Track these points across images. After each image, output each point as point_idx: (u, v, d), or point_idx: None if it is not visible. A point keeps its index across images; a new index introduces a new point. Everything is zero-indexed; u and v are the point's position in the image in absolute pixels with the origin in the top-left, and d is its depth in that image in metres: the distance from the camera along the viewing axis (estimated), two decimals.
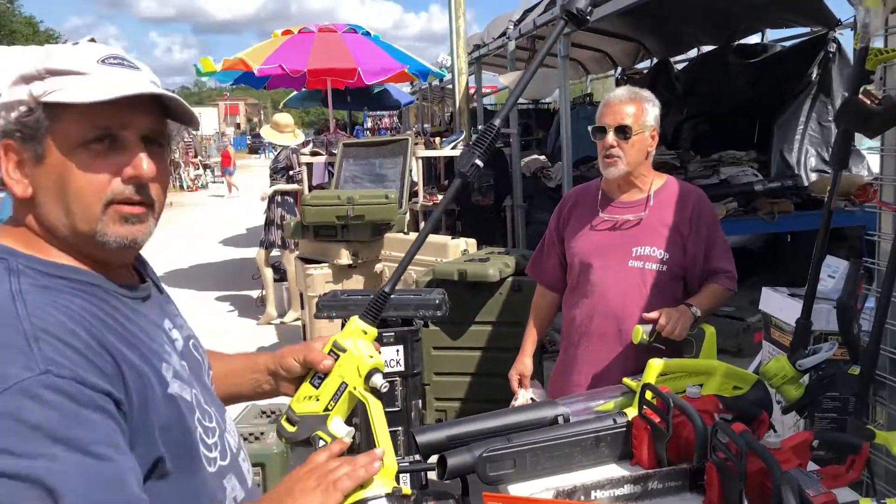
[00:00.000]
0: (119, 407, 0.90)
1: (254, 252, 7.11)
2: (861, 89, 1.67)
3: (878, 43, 1.81)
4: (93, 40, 1.08)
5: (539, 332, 2.61)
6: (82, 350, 0.89)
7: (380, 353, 1.23)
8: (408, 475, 2.83)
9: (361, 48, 7.25)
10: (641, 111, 2.23)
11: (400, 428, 2.88)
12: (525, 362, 2.56)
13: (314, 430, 1.16)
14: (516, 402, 2.48)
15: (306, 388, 1.20)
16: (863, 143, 6.37)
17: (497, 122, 1.25)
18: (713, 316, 2.21)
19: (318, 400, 1.18)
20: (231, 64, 6.85)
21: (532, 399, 2.47)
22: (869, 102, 1.64)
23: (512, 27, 5.91)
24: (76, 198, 0.96)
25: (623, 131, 2.21)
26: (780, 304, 2.70)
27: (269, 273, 6.36)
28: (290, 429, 1.18)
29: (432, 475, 1.78)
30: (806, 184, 5.49)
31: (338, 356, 1.19)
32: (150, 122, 0.99)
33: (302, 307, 4.97)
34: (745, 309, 4.93)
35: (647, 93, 2.29)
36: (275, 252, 6.45)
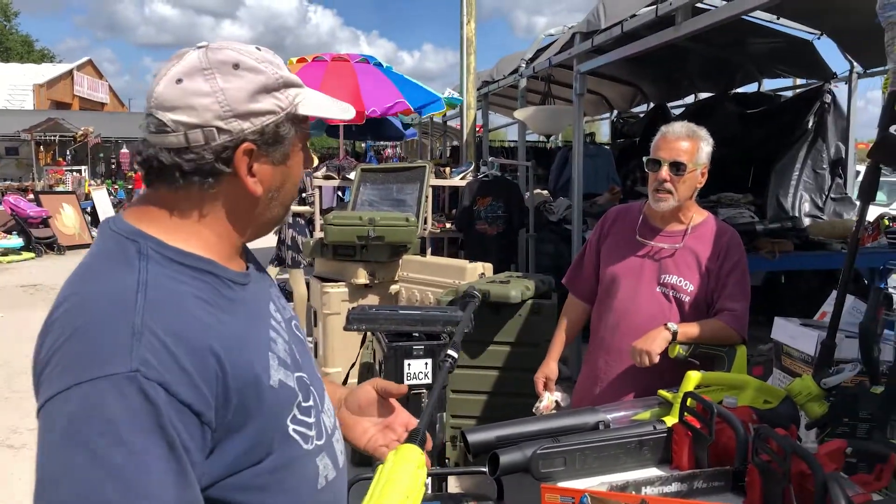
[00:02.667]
0: (201, 418, 0.92)
1: None
2: (890, 129, 1.83)
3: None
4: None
5: (567, 340, 2.69)
6: (180, 355, 0.91)
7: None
8: (429, 480, 2.90)
9: (371, 81, 7.40)
10: (696, 148, 2.30)
11: None
12: (551, 366, 2.63)
13: None
14: (540, 405, 2.55)
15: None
16: (854, 191, 6.63)
17: None
18: (709, 350, 2.29)
19: None
20: None
21: (557, 402, 2.56)
22: None
23: (524, 65, 6.13)
24: (293, 188, 1.12)
25: (677, 167, 2.28)
26: (791, 333, 2.84)
27: None
28: None
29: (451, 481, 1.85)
30: (803, 226, 5.69)
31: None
32: None
33: (315, 325, 5.05)
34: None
35: (703, 131, 2.35)
36: (281, 275, 6.55)
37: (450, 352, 1.33)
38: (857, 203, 6.42)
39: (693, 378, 1.92)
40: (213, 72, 1.00)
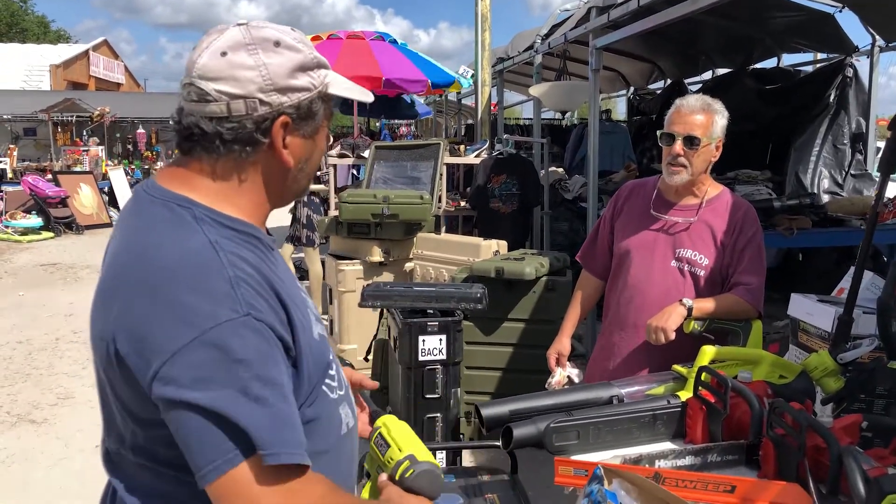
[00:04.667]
0: (288, 354, 1.03)
1: None
2: None
3: None
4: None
5: (580, 315, 2.68)
6: (267, 298, 1.01)
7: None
8: (443, 454, 2.93)
9: (388, 57, 7.38)
10: (711, 122, 2.27)
11: (439, 414, 2.99)
12: (563, 342, 2.63)
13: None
14: (553, 380, 2.54)
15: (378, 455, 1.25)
16: (874, 168, 6.54)
17: None
18: (724, 325, 2.27)
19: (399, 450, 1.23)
20: None
21: (569, 377, 2.55)
22: None
23: (540, 41, 6.07)
24: (318, 161, 1.19)
25: (691, 141, 2.25)
26: (808, 309, 2.82)
27: (291, 269, 6.48)
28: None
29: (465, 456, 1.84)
30: (822, 202, 5.63)
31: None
32: None
33: (330, 302, 5.08)
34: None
35: (718, 104, 2.32)
36: (296, 254, 6.58)
37: None
38: (875, 178, 6.34)
39: (708, 353, 1.92)
40: (256, 47, 1.05)
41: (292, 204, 6.53)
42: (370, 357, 3.48)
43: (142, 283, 0.99)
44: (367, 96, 1.24)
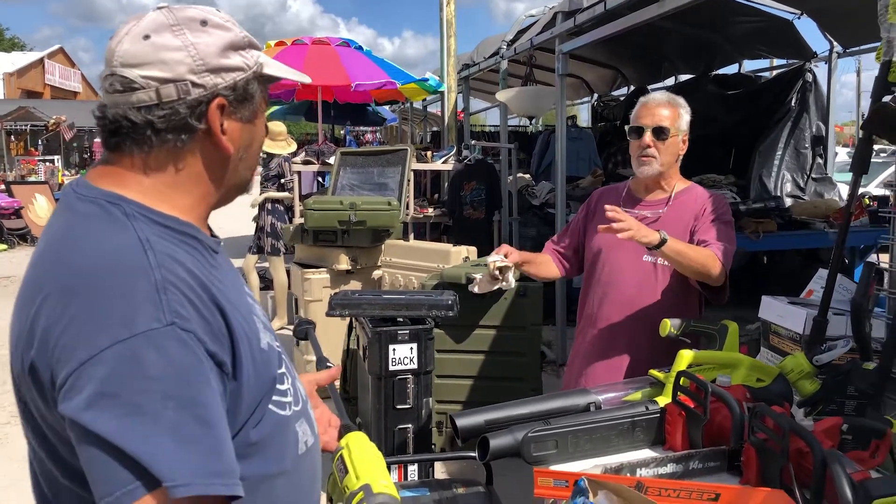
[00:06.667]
0: (222, 368, 0.91)
1: (236, 261, 7.09)
2: (883, 99, 1.80)
3: None
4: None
5: (529, 258, 2.49)
6: (199, 306, 0.90)
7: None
8: (415, 467, 2.86)
9: (354, 62, 7.32)
10: (677, 115, 2.32)
11: (410, 425, 2.92)
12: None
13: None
14: (488, 260, 2.32)
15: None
16: (833, 172, 6.66)
17: None
18: (701, 328, 2.23)
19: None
20: None
21: (505, 257, 2.31)
22: None
23: (506, 47, 6.06)
24: (258, 149, 1.10)
25: (660, 132, 2.29)
26: (780, 312, 2.83)
27: (255, 279, 6.35)
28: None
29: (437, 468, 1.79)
30: (786, 206, 5.70)
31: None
32: None
33: (297, 312, 4.97)
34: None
35: (681, 99, 2.38)
36: (260, 263, 6.46)
37: None
38: (835, 182, 6.45)
39: (685, 357, 1.89)
40: (181, 27, 0.98)
41: (255, 212, 6.40)
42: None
43: (58, 285, 0.88)
44: (304, 78, 1.19)
